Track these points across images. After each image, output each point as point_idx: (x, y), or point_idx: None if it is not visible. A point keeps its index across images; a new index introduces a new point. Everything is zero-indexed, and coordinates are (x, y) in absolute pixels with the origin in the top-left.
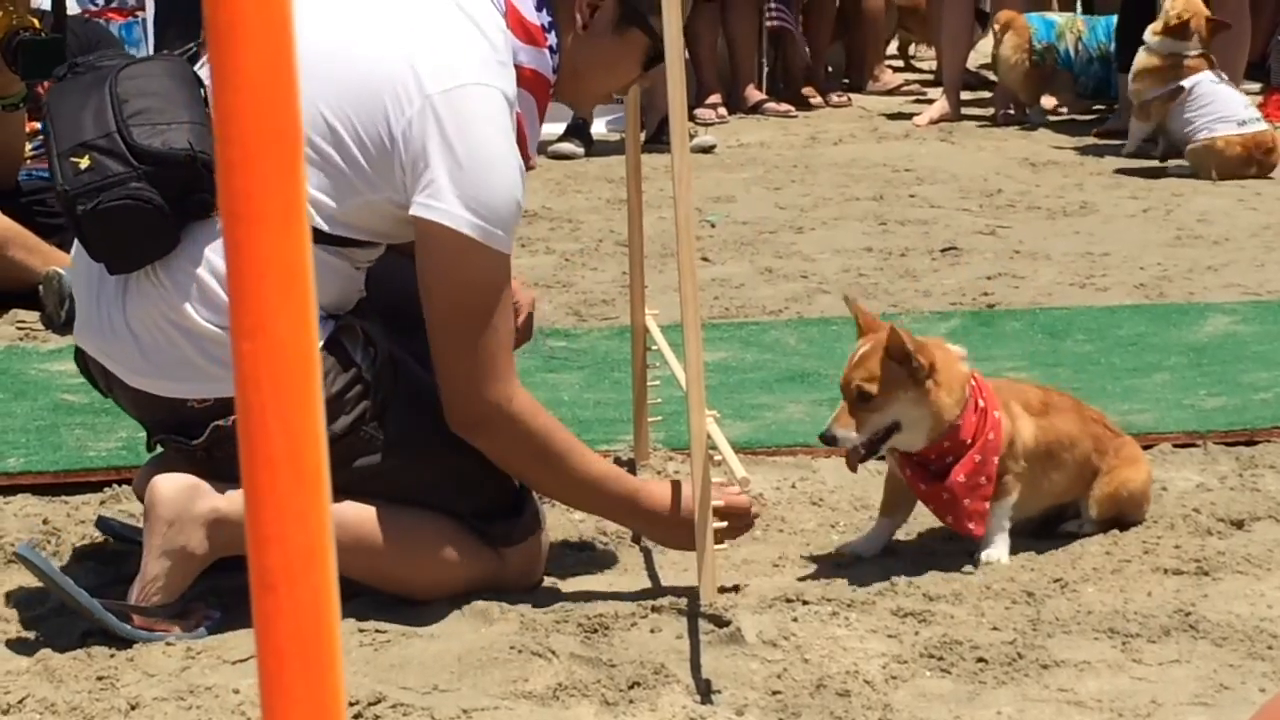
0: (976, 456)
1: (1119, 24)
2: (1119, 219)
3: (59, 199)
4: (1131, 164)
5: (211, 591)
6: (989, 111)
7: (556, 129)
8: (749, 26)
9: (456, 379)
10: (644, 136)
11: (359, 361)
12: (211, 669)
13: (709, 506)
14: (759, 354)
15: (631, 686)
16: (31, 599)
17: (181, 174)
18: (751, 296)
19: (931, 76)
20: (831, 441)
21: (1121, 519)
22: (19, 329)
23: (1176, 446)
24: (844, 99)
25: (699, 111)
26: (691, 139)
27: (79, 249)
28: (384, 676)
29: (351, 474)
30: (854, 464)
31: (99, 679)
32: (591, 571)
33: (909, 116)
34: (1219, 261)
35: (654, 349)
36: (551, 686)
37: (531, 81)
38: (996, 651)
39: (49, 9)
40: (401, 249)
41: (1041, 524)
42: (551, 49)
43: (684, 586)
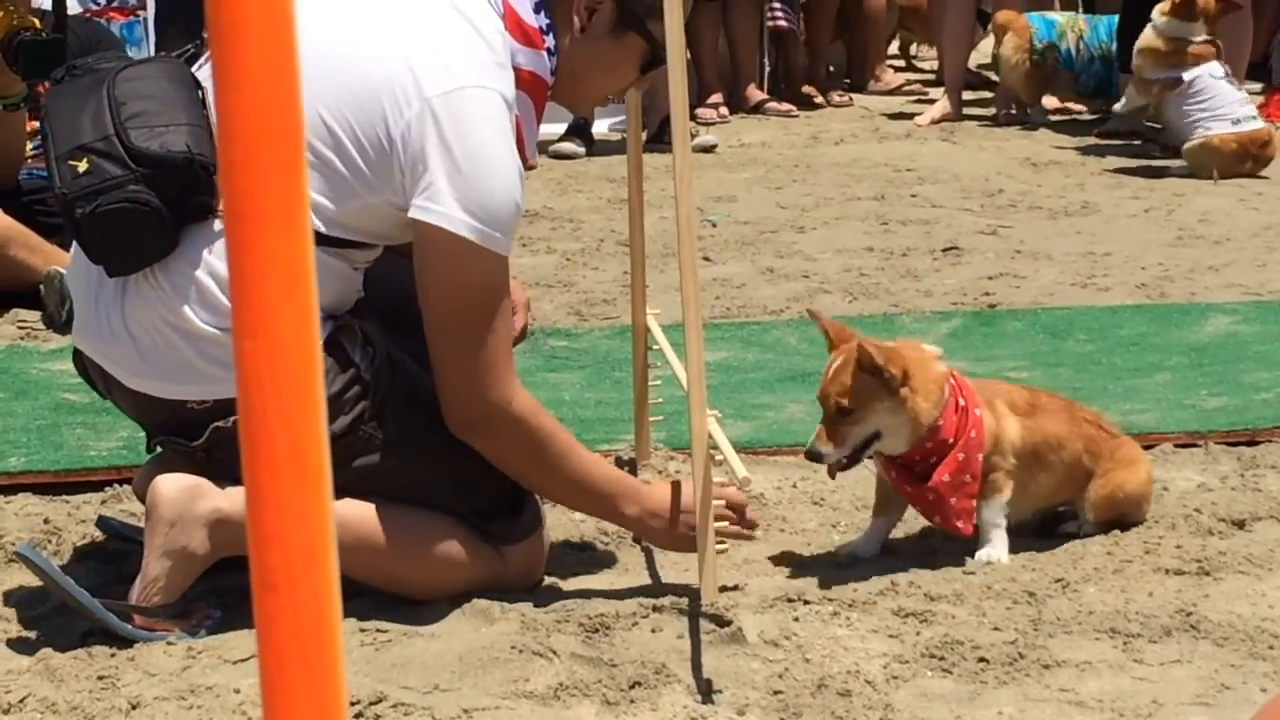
0: (960, 455)
1: (1120, 23)
2: (1120, 219)
3: (57, 202)
4: (1133, 164)
5: (212, 591)
6: (990, 111)
7: (558, 129)
8: (750, 26)
9: (456, 381)
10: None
11: (357, 361)
12: (212, 668)
13: (709, 506)
14: (760, 354)
15: (632, 686)
16: (32, 598)
17: (179, 176)
18: (753, 296)
19: (933, 76)
20: (817, 458)
21: (1120, 521)
22: (20, 328)
23: (1178, 446)
24: (845, 99)
25: (700, 111)
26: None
27: (77, 251)
28: (385, 676)
29: (350, 474)
30: (834, 473)
31: (100, 678)
32: (592, 571)
33: (910, 116)
34: (1220, 261)
35: (655, 348)
36: (552, 686)
37: (529, 84)
38: (998, 651)
39: (50, 9)
40: (399, 249)
41: (1041, 525)
42: (549, 51)
43: (685, 586)
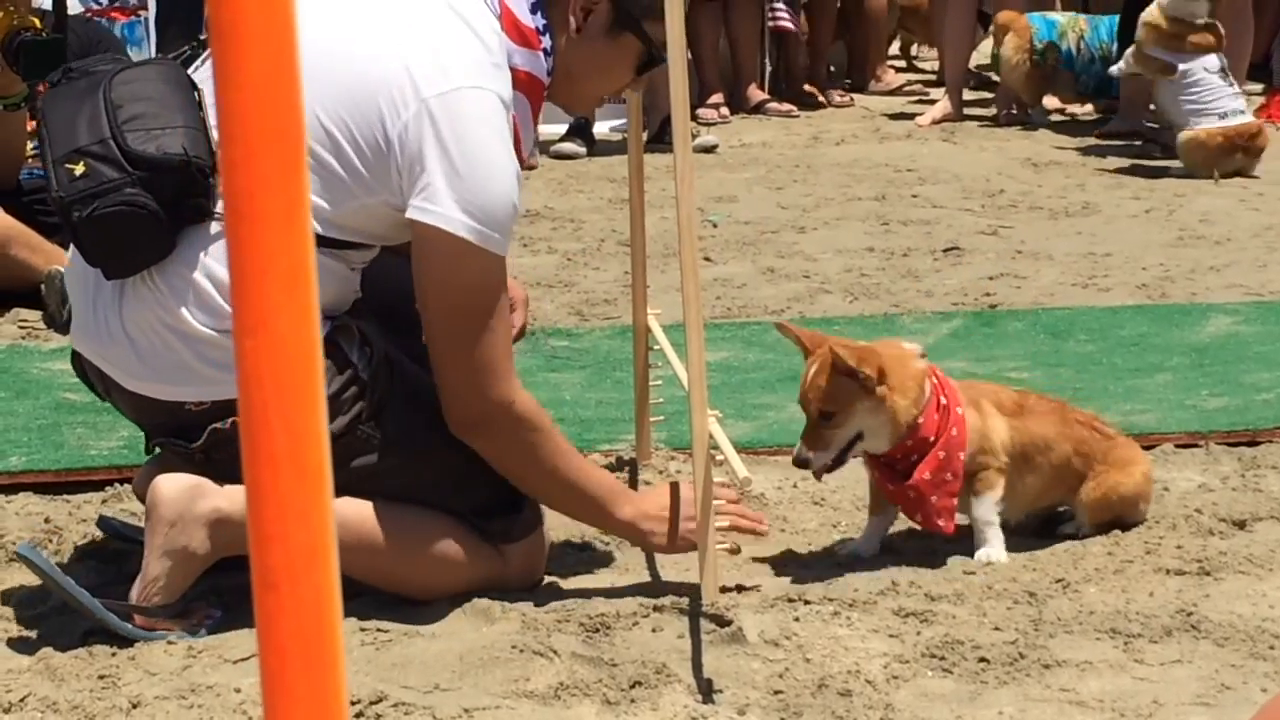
0: (940, 453)
1: (1121, 23)
2: (1121, 219)
3: (54, 205)
4: (1133, 164)
5: (213, 590)
6: (991, 111)
7: (559, 129)
8: (752, 26)
9: (457, 381)
10: (646, 136)
11: (355, 361)
12: (213, 668)
13: (710, 506)
14: (761, 354)
15: (633, 686)
16: (33, 598)
17: (176, 179)
18: (754, 296)
19: (933, 77)
20: (804, 465)
21: (1117, 522)
22: (21, 328)
23: (1179, 447)
24: (846, 99)
25: (701, 111)
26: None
27: (75, 253)
28: (386, 675)
29: (349, 474)
30: (820, 475)
31: (100, 678)
32: (593, 571)
33: (911, 116)
34: (1221, 262)
35: (656, 348)
36: (553, 686)
37: (526, 84)
38: (998, 651)
39: (50, 9)
40: (396, 248)
41: (1042, 526)
42: (546, 52)
43: (685, 585)
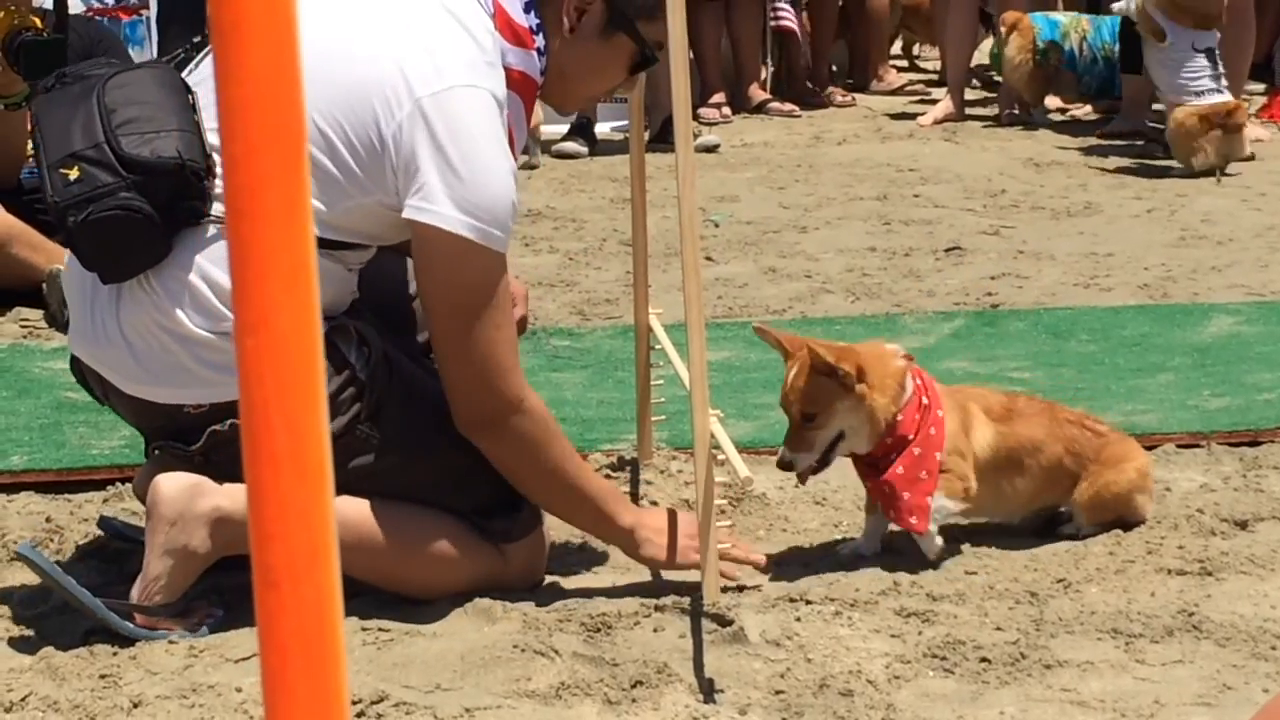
0: (915, 450)
1: (1123, 23)
2: (1123, 219)
3: (50, 210)
4: (1135, 164)
5: (214, 590)
6: (993, 111)
7: (560, 129)
8: (754, 26)
9: (465, 380)
10: (648, 136)
11: (353, 361)
12: (214, 667)
13: (711, 506)
14: (762, 353)
15: (634, 686)
16: (34, 597)
17: (171, 182)
18: (755, 296)
19: (935, 76)
20: (789, 467)
21: (1116, 521)
22: (23, 327)
23: (1180, 447)
24: (848, 99)
25: (703, 111)
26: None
27: (71, 258)
28: (387, 675)
29: (348, 474)
30: (805, 478)
31: (101, 677)
32: (594, 570)
33: (913, 116)
34: (1223, 262)
35: (657, 348)
36: (554, 685)
37: (519, 83)
38: (1000, 651)
39: (51, 8)
40: (393, 247)
41: (1043, 526)
42: (539, 51)
43: (687, 585)
